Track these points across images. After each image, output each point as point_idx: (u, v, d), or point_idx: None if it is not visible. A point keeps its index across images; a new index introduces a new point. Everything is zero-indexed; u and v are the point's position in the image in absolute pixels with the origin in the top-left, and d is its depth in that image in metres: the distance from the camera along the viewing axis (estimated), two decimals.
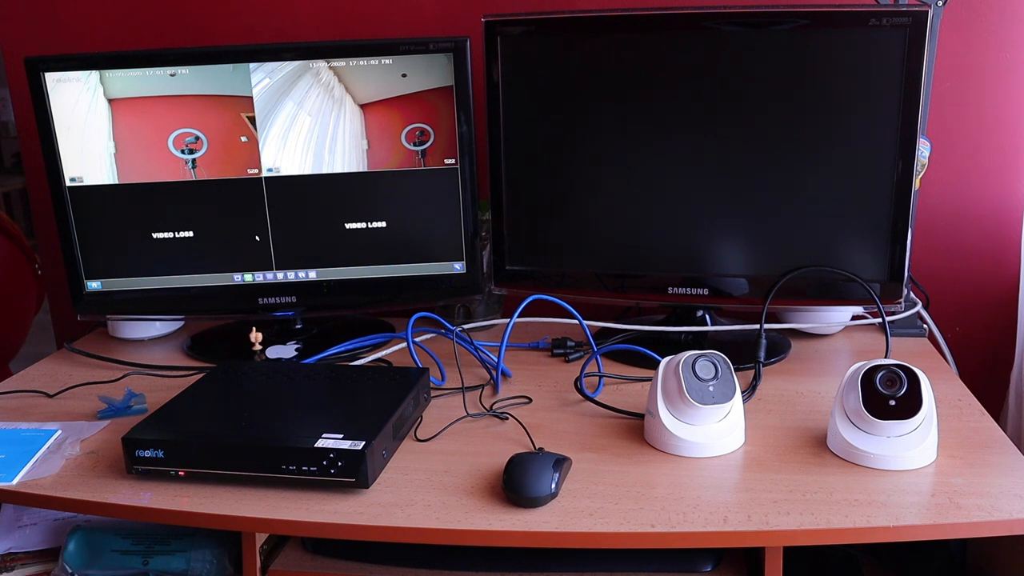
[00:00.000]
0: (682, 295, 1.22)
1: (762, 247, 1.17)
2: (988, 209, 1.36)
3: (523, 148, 1.23)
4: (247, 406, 0.98)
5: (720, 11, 1.11)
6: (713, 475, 0.89)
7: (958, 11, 1.27)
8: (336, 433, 0.89)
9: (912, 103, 1.07)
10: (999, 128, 1.33)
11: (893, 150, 1.09)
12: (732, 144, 1.14)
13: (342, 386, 1.05)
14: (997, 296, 1.39)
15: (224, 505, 0.85)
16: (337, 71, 1.21)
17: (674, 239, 1.20)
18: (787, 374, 1.15)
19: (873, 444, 0.88)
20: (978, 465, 0.88)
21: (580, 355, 1.24)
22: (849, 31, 1.07)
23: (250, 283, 1.29)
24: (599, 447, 0.95)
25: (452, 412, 1.04)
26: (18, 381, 1.21)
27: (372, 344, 1.29)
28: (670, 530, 0.79)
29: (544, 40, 1.18)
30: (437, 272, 1.29)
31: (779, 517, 0.80)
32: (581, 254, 1.24)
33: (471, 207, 1.26)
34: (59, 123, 1.21)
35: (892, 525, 0.78)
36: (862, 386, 0.88)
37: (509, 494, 0.83)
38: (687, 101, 1.15)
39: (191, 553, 0.94)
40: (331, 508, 0.84)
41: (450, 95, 1.22)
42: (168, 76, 1.20)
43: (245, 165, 1.24)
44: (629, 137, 1.18)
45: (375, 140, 1.23)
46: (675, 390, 0.92)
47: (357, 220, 1.26)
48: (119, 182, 1.23)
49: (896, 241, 1.12)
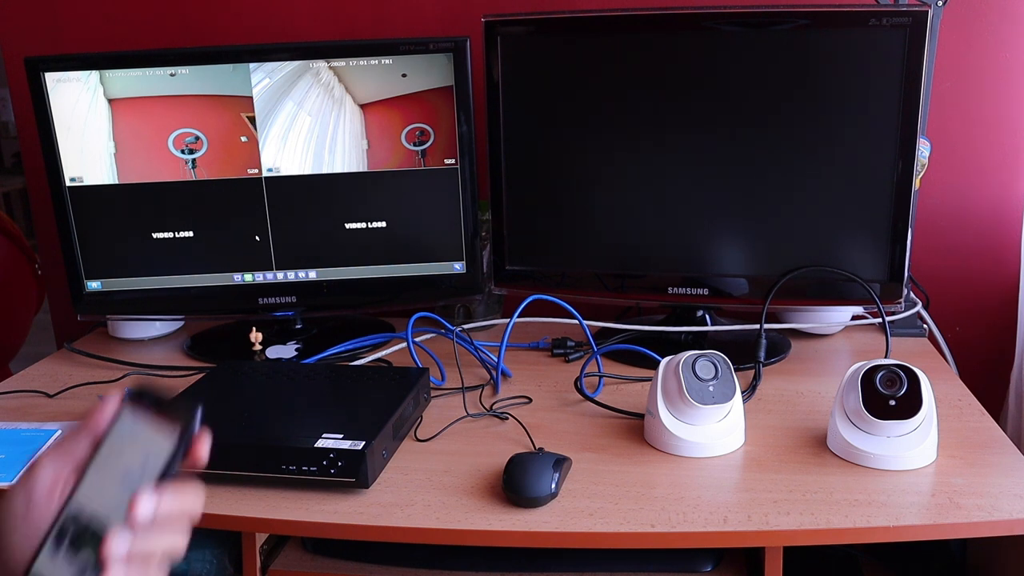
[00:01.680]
0: (682, 295, 1.21)
1: (762, 247, 1.17)
2: (988, 209, 1.36)
3: (523, 148, 1.23)
4: (247, 406, 0.98)
5: (720, 11, 1.10)
6: (713, 475, 0.89)
7: (958, 11, 1.27)
8: (336, 433, 0.89)
9: (912, 103, 1.07)
10: (999, 128, 1.33)
11: (893, 150, 1.09)
12: (732, 144, 1.14)
13: (342, 386, 1.05)
14: (997, 296, 1.39)
15: (224, 505, 0.85)
16: (337, 71, 1.21)
17: (674, 239, 1.20)
18: (787, 374, 1.15)
19: (873, 444, 0.88)
20: (978, 465, 0.88)
21: (580, 355, 1.23)
22: (849, 31, 1.07)
23: (250, 283, 1.29)
24: (599, 447, 0.95)
25: (452, 412, 1.04)
26: (18, 381, 1.21)
27: (372, 344, 1.29)
28: (670, 530, 0.79)
29: (544, 40, 1.18)
30: (437, 272, 1.29)
31: (779, 517, 0.80)
32: (581, 254, 1.24)
33: (471, 207, 1.26)
34: (59, 123, 1.21)
35: (892, 525, 0.78)
36: (862, 386, 0.88)
37: (509, 494, 0.83)
38: (687, 101, 1.15)
39: (191, 553, 0.94)
40: (331, 508, 0.84)
41: (450, 95, 1.22)
42: (168, 76, 1.20)
43: (245, 165, 1.24)
44: (629, 137, 1.18)
45: (375, 140, 1.23)
46: (675, 390, 0.92)
47: (357, 220, 1.26)
48: (119, 182, 1.23)
49: (896, 241, 1.12)
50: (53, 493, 0.55)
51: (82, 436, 0.57)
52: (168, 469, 0.55)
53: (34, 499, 0.55)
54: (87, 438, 0.56)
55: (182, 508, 0.57)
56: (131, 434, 0.56)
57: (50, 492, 0.55)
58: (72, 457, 0.56)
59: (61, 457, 0.56)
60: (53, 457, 0.56)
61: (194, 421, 0.56)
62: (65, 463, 0.56)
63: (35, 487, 0.55)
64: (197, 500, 0.58)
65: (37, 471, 0.55)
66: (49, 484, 0.55)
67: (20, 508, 0.55)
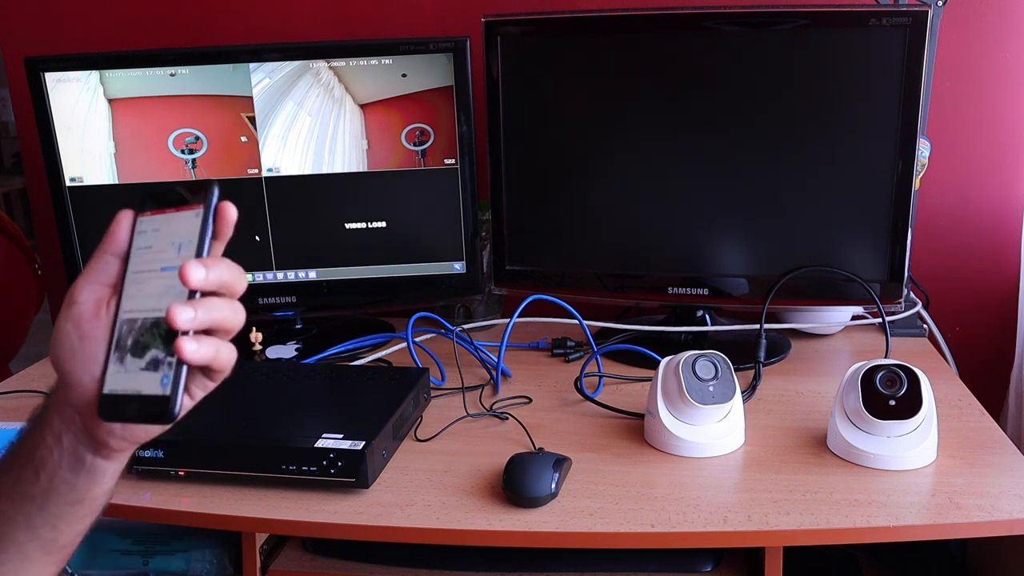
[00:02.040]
0: (682, 295, 1.21)
1: (762, 247, 1.17)
2: (988, 209, 1.36)
3: (523, 148, 1.23)
4: (247, 406, 0.98)
5: (720, 11, 1.10)
6: (713, 475, 0.89)
7: (958, 11, 1.27)
8: (336, 433, 0.89)
9: (912, 103, 1.07)
10: (999, 128, 1.33)
11: (893, 150, 1.09)
12: (732, 144, 1.14)
13: (342, 386, 1.05)
14: (997, 296, 1.39)
15: (224, 505, 0.85)
16: (337, 71, 1.21)
17: (674, 239, 1.20)
18: (787, 374, 1.15)
19: (873, 444, 0.88)
20: (978, 465, 0.88)
21: (580, 355, 1.23)
22: (849, 31, 1.07)
23: (250, 283, 1.28)
24: (599, 447, 0.95)
25: (452, 412, 1.04)
26: (18, 381, 1.21)
27: (372, 344, 1.29)
28: (670, 530, 0.79)
29: (544, 40, 1.18)
30: (437, 272, 1.29)
31: (779, 517, 0.80)
32: (581, 254, 1.24)
33: (471, 207, 1.26)
34: (59, 123, 1.21)
35: (892, 525, 0.78)
36: (862, 386, 0.88)
37: (509, 494, 0.83)
38: (687, 101, 1.15)
39: (191, 553, 0.94)
40: (331, 508, 0.84)
41: (450, 95, 1.22)
42: (168, 76, 1.20)
43: (245, 165, 1.24)
44: (629, 137, 1.18)
45: (375, 140, 1.23)
46: (675, 390, 0.92)
47: (357, 220, 1.26)
48: (119, 182, 1.23)
49: (896, 241, 1.12)
50: (99, 313, 0.54)
51: (108, 256, 0.55)
52: (201, 247, 0.54)
53: (82, 327, 0.53)
54: (113, 256, 0.55)
55: (231, 274, 0.54)
56: (155, 233, 0.55)
57: (95, 314, 0.54)
58: (106, 276, 0.55)
59: (95, 279, 0.55)
60: (86, 282, 0.55)
61: (213, 195, 0.55)
62: (101, 284, 0.55)
63: (80, 314, 0.53)
64: (240, 271, 0.56)
65: (76, 297, 0.54)
66: (92, 307, 0.54)
67: (70, 339, 0.53)
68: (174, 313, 0.50)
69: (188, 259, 0.52)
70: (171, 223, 0.55)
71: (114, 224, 0.56)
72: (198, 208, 0.55)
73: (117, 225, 0.56)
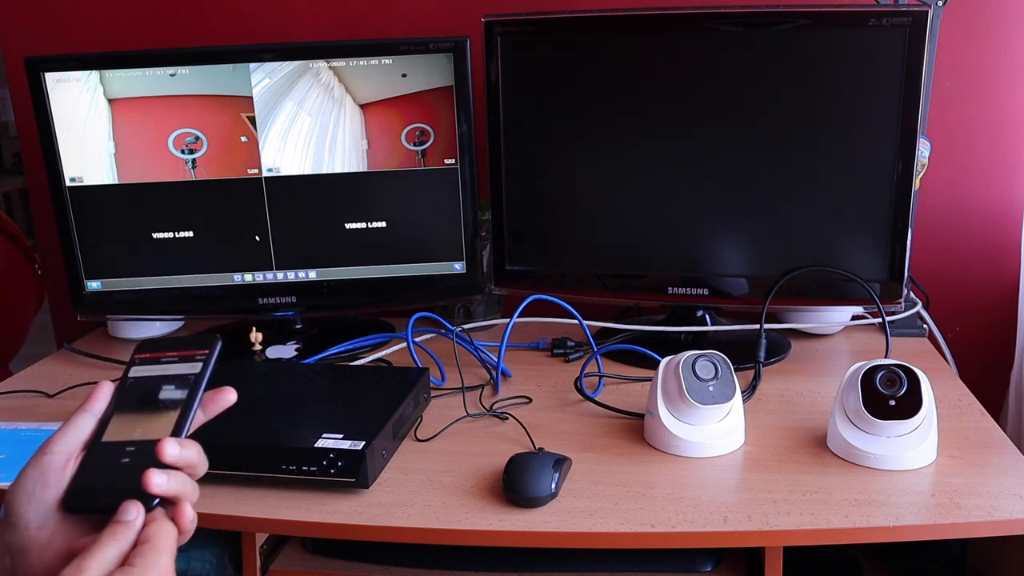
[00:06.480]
0: (682, 295, 1.21)
1: (762, 247, 1.17)
2: (988, 209, 1.36)
3: (523, 148, 1.23)
4: (247, 406, 0.98)
5: (720, 11, 1.10)
6: (713, 475, 0.89)
7: (958, 11, 1.27)
8: (336, 433, 0.89)
9: (912, 103, 1.07)
10: (999, 128, 1.33)
11: (893, 150, 1.09)
12: (732, 144, 1.14)
13: (342, 386, 1.05)
14: (997, 296, 1.39)
15: (224, 505, 0.85)
16: (337, 71, 1.21)
17: (674, 239, 1.20)
18: (787, 374, 1.15)
19: (873, 444, 0.88)
20: (978, 465, 0.88)
21: (580, 355, 1.23)
22: (849, 31, 1.07)
23: (250, 283, 1.28)
24: (599, 447, 0.95)
25: (452, 412, 1.04)
26: (18, 381, 1.21)
27: (372, 344, 1.29)
28: (670, 530, 0.79)
29: (544, 40, 1.18)
30: (437, 272, 1.29)
31: (779, 517, 0.80)
32: (581, 254, 1.24)
33: (471, 207, 1.26)
34: (59, 123, 1.21)
35: (892, 525, 0.78)
36: (862, 386, 0.88)
37: (509, 494, 0.83)
38: (687, 101, 1.15)
39: (191, 553, 0.94)
40: (331, 508, 0.84)
41: (450, 95, 1.22)
42: (168, 76, 1.20)
43: (245, 165, 1.24)
44: (629, 137, 1.18)
45: (375, 140, 1.23)
46: (675, 390, 0.92)
47: (357, 220, 1.26)
48: (119, 182, 1.23)
49: (896, 241, 1.12)
50: (66, 466, 0.57)
51: (86, 414, 0.59)
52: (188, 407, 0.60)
53: (48, 475, 0.56)
54: (90, 418, 0.59)
55: (198, 457, 0.59)
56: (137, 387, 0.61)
57: (62, 468, 0.57)
58: (81, 432, 0.59)
59: (71, 435, 0.58)
60: (62, 435, 0.58)
61: (215, 348, 0.64)
62: (75, 439, 0.58)
63: (49, 463, 0.56)
64: (204, 458, 0.61)
65: (50, 448, 0.57)
66: (62, 459, 0.57)
67: (32, 483, 0.56)
68: (148, 478, 0.55)
69: (181, 404, 0.60)
70: (158, 374, 0.62)
71: (96, 388, 0.62)
72: (199, 354, 0.63)
73: (98, 390, 0.61)
